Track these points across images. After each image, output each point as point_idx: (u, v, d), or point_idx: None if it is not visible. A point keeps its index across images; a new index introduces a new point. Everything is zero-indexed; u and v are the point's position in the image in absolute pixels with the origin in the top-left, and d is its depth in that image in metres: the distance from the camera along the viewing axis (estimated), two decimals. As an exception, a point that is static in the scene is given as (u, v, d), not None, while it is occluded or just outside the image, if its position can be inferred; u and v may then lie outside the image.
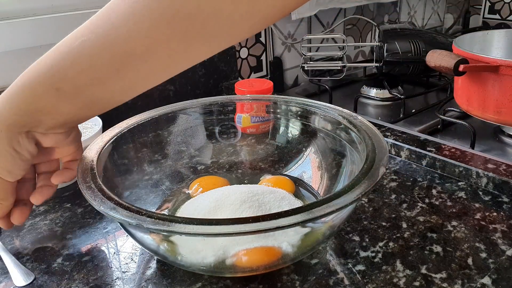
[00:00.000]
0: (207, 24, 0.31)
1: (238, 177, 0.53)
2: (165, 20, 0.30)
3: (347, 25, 1.06)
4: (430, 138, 0.60)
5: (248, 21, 0.31)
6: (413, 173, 0.54)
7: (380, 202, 0.48)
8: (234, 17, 0.31)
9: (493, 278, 0.37)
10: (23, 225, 0.47)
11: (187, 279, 0.38)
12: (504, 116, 0.62)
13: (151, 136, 0.51)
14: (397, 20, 1.18)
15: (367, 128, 0.43)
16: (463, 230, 0.43)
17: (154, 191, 0.49)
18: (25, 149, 0.37)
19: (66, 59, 0.33)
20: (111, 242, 0.44)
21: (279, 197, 0.44)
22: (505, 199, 0.48)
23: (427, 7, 1.25)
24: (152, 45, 0.31)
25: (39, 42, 0.63)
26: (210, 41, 0.32)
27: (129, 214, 0.31)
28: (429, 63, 0.66)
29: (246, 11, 0.30)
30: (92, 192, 0.34)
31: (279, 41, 0.93)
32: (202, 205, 0.43)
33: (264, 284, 0.37)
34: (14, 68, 0.63)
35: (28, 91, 0.35)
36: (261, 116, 0.57)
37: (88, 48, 0.32)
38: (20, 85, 0.35)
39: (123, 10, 0.31)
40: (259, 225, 0.30)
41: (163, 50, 0.32)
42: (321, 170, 0.51)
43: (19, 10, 0.63)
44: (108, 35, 0.31)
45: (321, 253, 0.41)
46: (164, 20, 0.30)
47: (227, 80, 0.84)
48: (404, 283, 0.37)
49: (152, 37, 0.31)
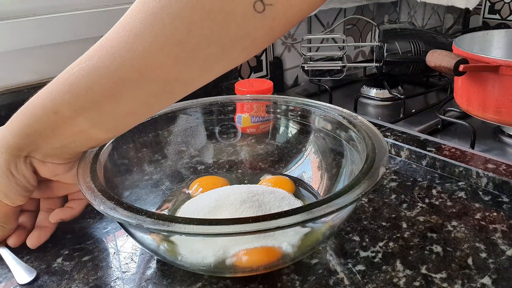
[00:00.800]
0: (199, 49, 0.31)
1: (238, 177, 0.53)
2: (157, 46, 0.31)
3: (347, 25, 1.06)
4: (430, 138, 0.60)
5: (239, 45, 0.32)
6: (413, 173, 0.54)
7: (380, 202, 0.48)
8: (224, 42, 0.31)
9: (493, 278, 0.37)
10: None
11: (187, 279, 0.38)
12: (504, 116, 0.62)
13: (151, 136, 0.51)
14: (397, 20, 1.18)
15: (367, 128, 0.43)
16: (463, 230, 0.43)
17: (154, 191, 0.49)
18: (21, 174, 0.38)
19: (65, 84, 0.34)
20: (111, 242, 0.44)
21: (279, 197, 0.44)
22: (505, 199, 0.48)
23: (427, 7, 1.25)
24: (146, 70, 0.32)
25: (39, 42, 0.63)
26: (204, 65, 0.33)
27: (129, 214, 0.31)
28: (429, 63, 0.66)
29: (235, 35, 0.31)
30: (92, 192, 0.34)
31: (279, 41, 0.93)
32: (202, 205, 0.43)
33: (264, 284, 0.37)
34: (14, 68, 0.63)
35: (29, 114, 0.36)
36: (261, 116, 0.57)
37: (85, 74, 0.33)
38: (24, 108, 0.37)
39: (117, 38, 0.32)
40: (259, 225, 0.30)
41: (158, 75, 0.32)
42: (321, 170, 0.51)
43: (19, 10, 0.63)
44: (103, 62, 0.33)
45: (321, 253, 0.41)
46: (156, 47, 0.31)
47: (227, 80, 0.84)
48: (404, 283, 0.37)
49: (145, 62, 0.32)
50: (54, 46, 0.65)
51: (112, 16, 0.67)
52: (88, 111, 0.35)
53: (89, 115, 0.35)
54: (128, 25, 0.32)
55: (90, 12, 0.65)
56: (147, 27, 0.31)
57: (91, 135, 0.37)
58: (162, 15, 0.30)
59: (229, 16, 0.30)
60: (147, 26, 0.31)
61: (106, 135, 0.38)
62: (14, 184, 0.38)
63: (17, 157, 0.37)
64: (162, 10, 0.30)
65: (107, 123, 0.36)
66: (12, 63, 0.63)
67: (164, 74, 0.32)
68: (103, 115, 0.35)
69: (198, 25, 0.30)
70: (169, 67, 0.32)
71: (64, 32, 0.64)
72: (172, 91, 0.35)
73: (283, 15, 0.30)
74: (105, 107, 0.34)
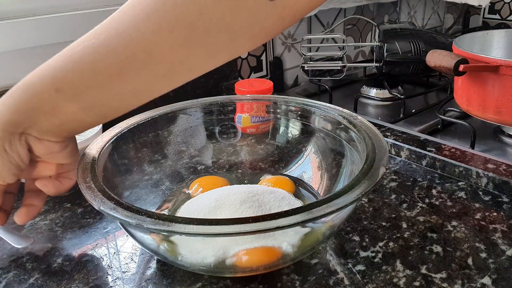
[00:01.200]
0: (208, 33, 0.31)
1: (238, 177, 0.53)
2: (167, 27, 0.31)
3: (347, 25, 1.06)
4: (430, 138, 0.60)
5: (248, 33, 0.32)
6: (413, 173, 0.54)
7: (380, 202, 0.48)
8: (234, 27, 0.31)
9: (493, 278, 0.37)
10: (23, 225, 0.47)
11: (187, 279, 0.38)
12: (504, 116, 0.62)
13: (151, 136, 0.51)
14: (397, 20, 1.18)
15: (367, 128, 0.43)
16: (463, 230, 0.43)
17: (154, 191, 0.49)
18: (15, 151, 0.36)
19: (68, 61, 0.34)
20: (111, 242, 0.44)
21: (279, 197, 0.44)
22: (505, 199, 0.48)
23: (427, 7, 1.25)
24: (154, 50, 0.32)
25: (39, 42, 0.63)
26: (212, 51, 0.33)
27: (129, 214, 0.31)
28: (429, 63, 0.66)
29: (245, 22, 0.31)
30: (92, 192, 0.34)
31: (279, 41, 0.93)
32: (202, 205, 0.43)
33: (264, 284, 0.37)
34: (14, 68, 0.63)
35: (28, 90, 0.35)
36: (261, 116, 0.57)
37: (90, 52, 0.33)
38: (21, 84, 0.35)
39: (127, 18, 0.32)
40: (259, 225, 0.30)
41: (165, 56, 0.32)
42: (321, 170, 0.51)
43: (19, 10, 0.63)
44: (110, 41, 0.32)
45: (321, 253, 0.41)
46: (166, 28, 0.31)
47: (227, 80, 0.84)
48: (404, 283, 0.37)
49: (154, 43, 0.31)
50: (54, 46, 0.65)
51: (112, 16, 0.67)
52: (91, 90, 0.34)
53: (91, 94, 0.34)
54: (139, 4, 0.31)
55: (90, 12, 0.65)
56: (158, 8, 0.30)
57: (92, 115, 0.36)
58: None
59: (241, 2, 0.30)
60: (158, 6, 0.30)
61: (107, 114, 0.37)
62: (7, 162, 0.36)
63: (12, 134, 0.35)
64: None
65: (110, 103, 0.36)
66: (12, 63, 0.63)
67: (171, 56, 0.32)
68: (106, 94, 0.34)
69: (210, 9, 0.30)
70: (177, 49, 0.32)
71: (64, 32, 0.64)
72: (177, 74, 0.34)
73: (294, 4, 0.31)
74: (109, 87, 0.34)
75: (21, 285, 0.39)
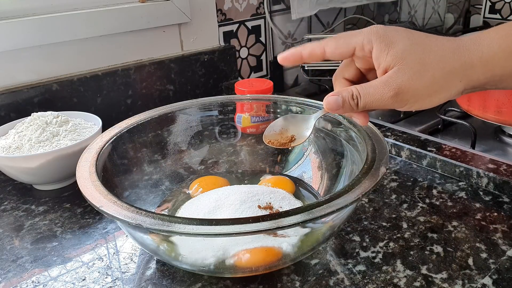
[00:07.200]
0: None
1: (238, 177, 0.53)
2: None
3: (347, 24, 1.06)
4: (431, 138, 0.60)
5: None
6: (413, 173, 0.54)
7: (381, 202, 0.48)
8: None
9: (494, 279, 0.37)
10: (23, 225, 0.47)
11: (187, 279, 0.38)
12: (504, 116, 0.62)
13: (151, 136, 0.50)
14: (398, 19, 1.18)
15: (367, 128, 0.43)
16: (463, 230, 0.43)
17: (154, 191, 0.49)
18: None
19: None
20: (111, 242, 0.44)
21: (279, 197, 0.44)
22: (506, 199, 0.48)
23: (428, 6, 1.25)
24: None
25: (39, 42, 0.63)
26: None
27: (129, 214, 0.31)
28: (429, 63, 0.66)
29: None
30: (92, 192, 0.34)
31: (279, 40, 0.93)
32: (202, 205, 0.43)
33: (264, 285, 0.37)
34: (14, 68, 0.63)
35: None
36: (261, 116, 0.57)
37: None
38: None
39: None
40: (259, 225, 0.30)
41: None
42: (321, 170, 0.51)
43: (19, 10, 0.63)
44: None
45: (321, 253, 0.41)
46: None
47: (227, 80, 0.84)
48: (404, 283, 0.37)
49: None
50: (54, 46, 0.65)
51: (112, 16, 0.67)
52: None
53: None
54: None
55: (90, 12, 0.65)
56: None
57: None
58: None
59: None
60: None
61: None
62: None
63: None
64: None
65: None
66: (12, 63, 0.63)
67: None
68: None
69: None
70: None
71: (63, 32, 0.64)
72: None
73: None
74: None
75: (21, 285, 0.38)
